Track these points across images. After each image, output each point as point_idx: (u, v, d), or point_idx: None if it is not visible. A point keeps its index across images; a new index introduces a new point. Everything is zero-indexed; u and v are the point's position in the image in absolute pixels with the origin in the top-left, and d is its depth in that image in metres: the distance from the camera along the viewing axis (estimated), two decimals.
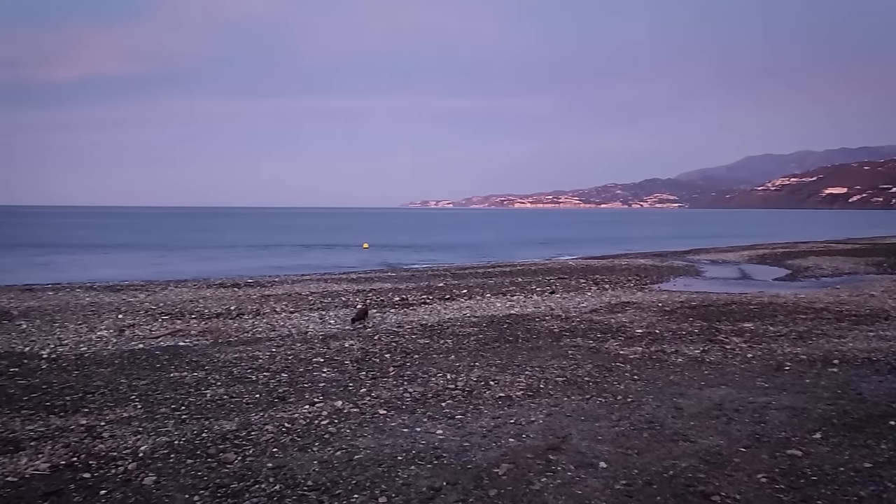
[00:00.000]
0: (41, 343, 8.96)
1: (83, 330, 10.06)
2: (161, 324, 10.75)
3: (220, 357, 7.74)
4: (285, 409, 5.63)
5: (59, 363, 7.43)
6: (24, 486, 4.02)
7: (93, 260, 31.95)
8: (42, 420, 5.25)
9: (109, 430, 5.05)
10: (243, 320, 11.18)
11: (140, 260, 31.90)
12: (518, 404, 5.78)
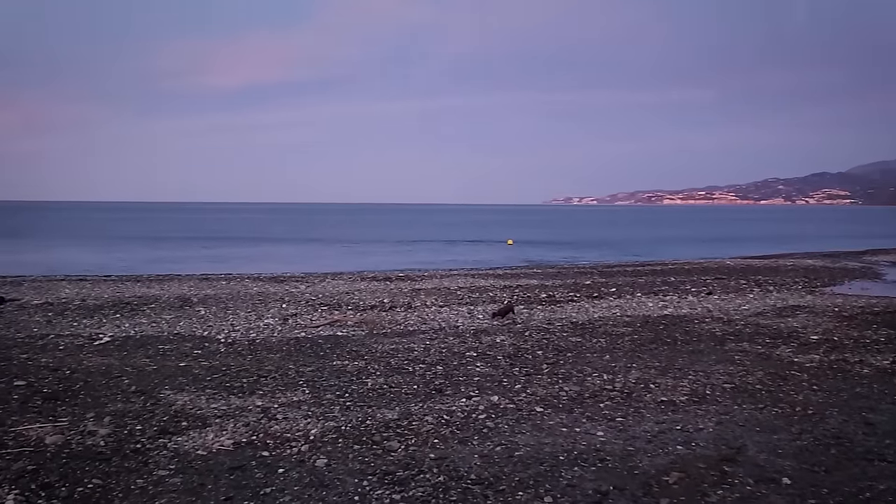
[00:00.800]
0: (217, 328, 9.73)
1: (252, 318, 10.81)
2: (320, 314, 11.32)
3: (377, 348, 8.01)
4: (443, 402, 5.70)
5: (234, 347, 8.01)
6: (213, 460, 4.34)
7: (256, 252, 34.43)
8: (224, 399, 5.67)
9: (282, 412, 5.36)
10: (396, 313, 11.52)
11: (298, 253, 33.93)
12: (683, 410, 5.49)
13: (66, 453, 4.36)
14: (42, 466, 4.12)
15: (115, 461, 4.27)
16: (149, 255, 32.20)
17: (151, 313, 11.29)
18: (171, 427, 4.92)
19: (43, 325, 10.39)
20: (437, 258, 29.38)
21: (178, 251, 35.40)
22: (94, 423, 4.92)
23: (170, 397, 5.68)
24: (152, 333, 9.16)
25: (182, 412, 5.28)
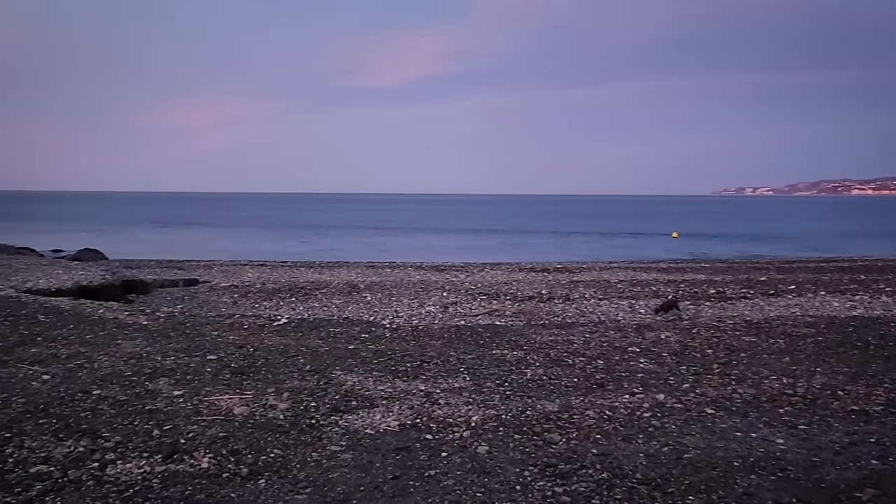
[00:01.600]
0: (382, 314, 10.17)
1: (415, 305, 11.18)
2: (479, 303, 11.47)
3: (536, 338, 7.96)
4: (605, 397, 5.56)
5: (398, 333, 8.31)
6: (380, 440, 4.53)
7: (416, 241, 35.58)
8: (390, 382, 5.90)
9: (444, 397, 5.47)
10: (554, 304, 11.41)
11: (456, 243, 34.65)
12: (877, 421, 4.94)
13: (251, 424, 4.73)
14: (231, 434, 4.50)
15: (293, 434, 4.57)
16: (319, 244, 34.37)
17: (323, 298, 12.03)
18: (342, 406, 5.20)
19: (230, 305, 11.43)
20: (595, 250, 28.75)
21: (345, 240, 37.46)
22: (274, 398, 5.31)
23: (340, 377, 6.00)
24: (324, 317, 9.75)
25: (352, 392, 5.55)
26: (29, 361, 6.27)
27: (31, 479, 3.73)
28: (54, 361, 6.30)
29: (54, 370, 5.98)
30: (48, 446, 4.20)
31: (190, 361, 6.39)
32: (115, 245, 27.72)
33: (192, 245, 32.59)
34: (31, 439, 4.30)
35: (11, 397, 5.15)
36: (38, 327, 7.78)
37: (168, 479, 3.81)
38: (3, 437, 4.31)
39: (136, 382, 5.65)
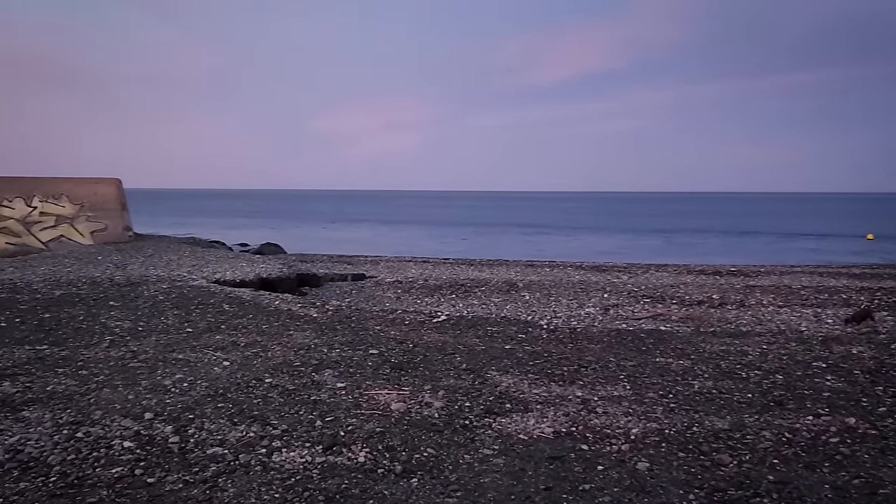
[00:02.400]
0: (540, 314, 10.02)
1: (573, 305, 10.91)
2: (642, 306, 10.96)
3: (705, 347, 7.44)
4: (783, 416, 5.04)
5: (555, 334, 8.12)
6: (533, 446, 4.41)
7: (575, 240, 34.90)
8: (545, 386, 5.76)
9: (602, 406, 5.24)
10: (726, 310, 10.64)
11: (616, 242, 33.56)
12: None
13: (406, 420, 4.80)
14: (388, 430, 4.59)
15: (447, 434, 4.58)
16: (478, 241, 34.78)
17: (482, 295, 12.10)
18: (496, 408, 5.14)
19: (393, 300, 11.81)
20: (774, 251, 26.57)
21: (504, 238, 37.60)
22: (430, 396, 5.37)
23: (495, 378, 5.94)
24: (482, 315, 9.78)
25: (506, 394, 5.48)
26: (213, 348, 6.84)
27: (208, 460, 4.02)
28: (234, 349, 6.81)
29: (233, 357, 6.47)
30: (224, 430, 4.52)
31: (353, 355, 6.64)
32: (292, 240, 29.81)
33: (359, 241, 34.29)
34: (210, 422, 4.65)
35: (196, 381, 5.62)
36: (223, 316, 8.49)
37: (326, 470, 3.94)
38: (187, 419, 4.70)
39: (304, 373, 5.96)
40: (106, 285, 10.61)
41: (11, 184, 16.11)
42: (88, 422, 4.58)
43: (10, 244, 15.60)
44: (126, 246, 16.11)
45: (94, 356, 6.40)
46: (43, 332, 7.41)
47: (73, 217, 16.43)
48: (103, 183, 17.13)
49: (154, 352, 6.61)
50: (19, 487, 3.59)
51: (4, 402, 4.98)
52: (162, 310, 8.73)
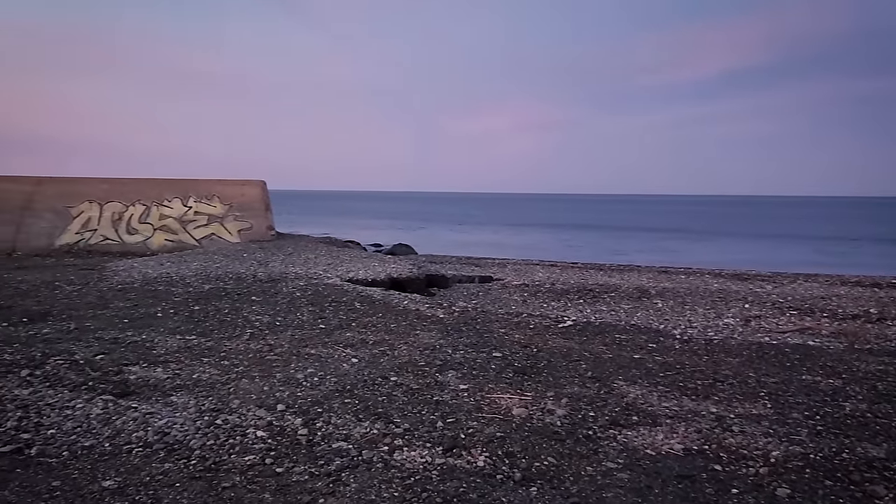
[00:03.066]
0: (673, 323, 9.56)
1: (711, 315, 10.32)
2: (788, 319, 10.19)
3: (859, 366, 6.79)
4: None
5: (689, 345, 7.72)
6: (661, 463, 4.19)
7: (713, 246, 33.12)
8: (676, 399, 5.47)
9: (739, 424, 4.90)
10: (886, 326, 9.67)
11: (761, 249, 31.50)
12: None
13: (527, 427, 4.72)
14: (508, 435, 4.54)
15: (569, 443, 4.45)
16: (609, 245, 33.88)
17: (611, 301, 11.74)
18: (622, 419, 4.94)
19: (519, 303, 11.72)
20: None
21: (633, 241, 36.38)
22: (552, 403, 5.25)
23: (622, 388, 5.72)
24: (610, 321, 9.48)
25: (633, 406, 5.26)
26: (343, 344, 7.09)
27: (333, 454, 4.14)
28: (363, 346, 7.02)
29: (362, 354, 6.66)
30: (349, 425, 4.64)
31: (477, 357, 6.64)
32: (422, 241, 30.44)
33: (487, 243, 34.45)
34: (336, 416, 4.80)
35: (326, 376, 5.84)
36: (354, 314, 8.78)
37: (446, 472, 3.95)
38: (316, 412, 4.88)
39: (428, 373, 6.02)
40: (249, 281, 11.30)
41: (171, 185, 17.58)
42: (227, 410, 4.87)
43: (169, 240, 17.03)
44: (268, 244, 17.10)
45: (236, 348, 6.82)
46: (192, 323, 8.00)
47: (223, 216, 17.66)
48: (250, 185, 18.29)
49: (289, 346, 6.94)
50: (164, 468, 3.87)
51: (156, 387, 5.41)
52: (298, 306, 9.16)
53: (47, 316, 8.19)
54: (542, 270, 17.11)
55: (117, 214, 17.02)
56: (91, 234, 16.71)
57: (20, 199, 16.55)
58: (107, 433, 4.35)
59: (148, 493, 3.54)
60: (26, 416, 4.59)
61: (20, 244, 16.13)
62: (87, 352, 6.42)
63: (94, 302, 9.26)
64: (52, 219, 16.60)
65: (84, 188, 17.09)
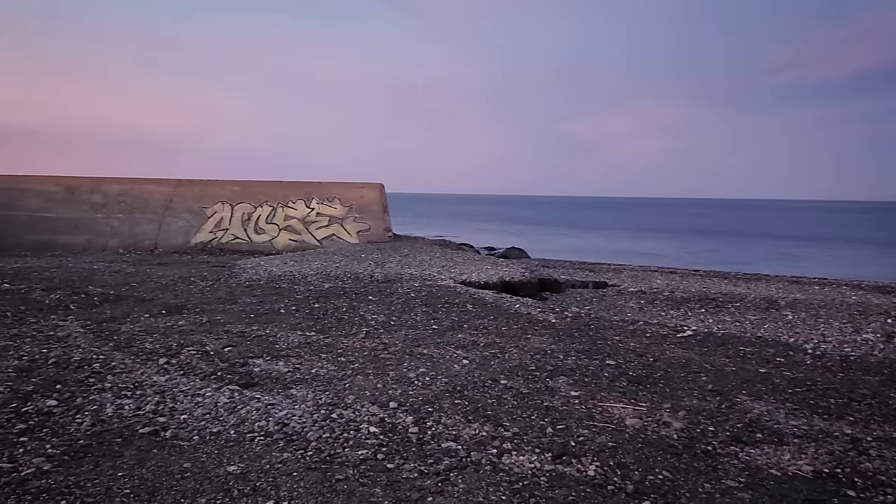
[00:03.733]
0: (805, 336, 8.95)
1: (848, 330, 9.57)
2: None
3: None
4: None
5: (822, 361, 7.20)
6: (786, 484, 3.93)
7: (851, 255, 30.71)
8: (805, 418, 5.11)
9: (877, 448, 4.51)
10: None
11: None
12: None
13: (641, 438, 4.57)
14: (620, 446, 4.41)
15: (685, 458, 4.26)
16: (733, 253, 32.22)
17: (735, 311, 11.15)
18: (745, 436, 4.67)
19: (635, 311, 11.38)
20: None
21: (757, 249, 34.37)
22: (668, 415, 5.05)
23: (745, 404, 5.42)
24: (734, 333, 9.01)
25: (757, 423, 4.96)
26: (455, 345, 7.15)
27: (442, 454, 4.18)
28: (474, 348, 7.05)
29: (473, 356, 6.69)
30: (459, 426, 4.68)
31: (589, 364, 6.50)
32: (535, 245, 30.22)
33: (601, 248, 33.69)
34: (446, 417, 4.85)
35: (437, 376, 5.91)
36: (466, 315, 8.84)
37: (554, 479, 3.89)
38: (427, 412, 4.95)
39: (538, 378, 5.96)
40: (366, 281, 11.65)
41: (295, 188, 18.44)
42: (342, 405, 5.03)
43: (293, 240, 17.87)
44: (385, 245, 17.56)
45: (352, 345, 7.04)
46: (312, 319, 8.34)
47: (343, 218, 18.32)
48: (368, 187, 18.86)
49: (402, 345, 7.09)
50: (283, 457, 4.06)
51: (278, 380, 5.68)
52: (412, 306, 9.34)
53: (183, 309, 8.80)
54: (661, 277, 16.53)
55: (246, 215, 18.06)
56: (223, 233, 17.82)
57: (162, 199, 17.91)
58: (232, 421, 4.61)
59: (268, 480, 3.72)
60: (163, 401, 4.95)
61: (161, 241, 17.46)
62: (216, 344, 6.85)
63: (224, 297, 9.86)
64: (188, 218, 17.85)
65: (217, 190, 18.25)
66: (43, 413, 4.60)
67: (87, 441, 4.17)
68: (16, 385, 5.14)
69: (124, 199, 17.79)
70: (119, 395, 5.03)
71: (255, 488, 3.62)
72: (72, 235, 17.25)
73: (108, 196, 17.74)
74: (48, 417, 4.53)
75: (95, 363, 5.88)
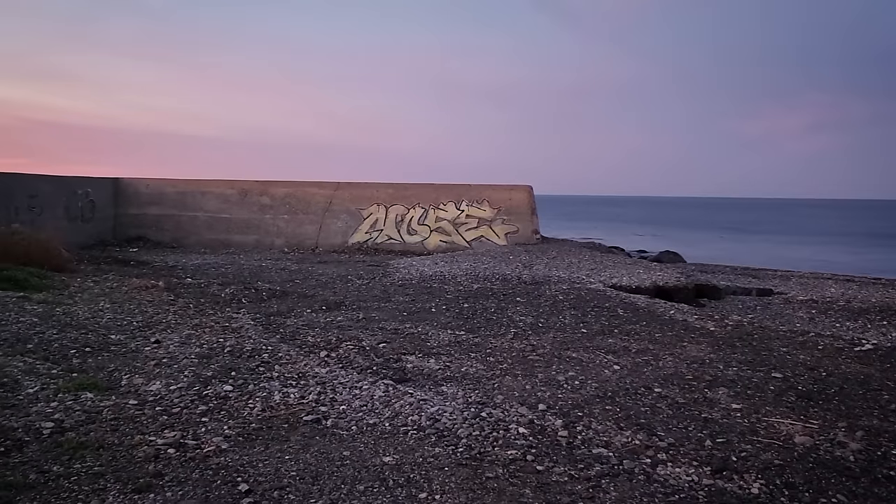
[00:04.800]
0: None
1: None
2: None
3: None
4: None
5: None
6: None
7: None
8: None
9: None
10: None
11: None
12: None
13: (812, 458, 4.22)
14: (788, 464, 4.10)
15: (864, 482, 3.89)
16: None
17: None
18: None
19: (805, 321, 10.53)
20: None
21: None
22: (844, 435, 4.62)
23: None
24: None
25: None
26: (605, 350, 6.99)
27: (593, 459, 4.10)
28: (625, 354, 6.86)
29: (624, 362, 6.51)
30: (610, 432, 4.56)
31: (752, 376, 6.10)
32: (688, 248, 28.79)
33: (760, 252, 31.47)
34: (597, 422, 4.75)
35: (587, 380, 5.81)
36: (616, 320, 8.61)
37: (714, 494, 3.68)
38: (576, 416, 4.88)
39: (696, 388, 5.68)
40: (514, 282, 11.68)
41: (446, 190, 18.87)
42: (491, 404, 5.08)
43: (443, 241, 18.30)
44: (533, 247, 17.51)
45: (500, 345, 7.09)
46: (462, 319, 8.49)
47: (492, 220, 18.49)
48: (517, 190, 18.90)
49: (551, 348, 7.03)
50: (435, 451, 4.16)
51: (429, 377, 5.84)
52: (560, 309, 9.25)
53: (341, 306, 9.29)
54: (835, 285, 15.16)
55: (400, 216, 18.72)
56: (378, 233, 18.60)
57: (323, 202, 19.00)
58: (387, 414, 4.80)
59: (420, 473, 3.83)
60: (324, 391, 5.25)
61: (321, 241, 18.53)
62: (372, 340, 7.16)
63: (379, 295, 10.29)
64: (346, 219, 18.81)
65: (373, 192, 19.07)
66: (220, 397, 5.03)
67: (259, 425, 4.52)
68: (198, 370, 5.67)
69: (289, 201, 19.06)
70: (285, 384, 5.39)
71: (408, 480, 3.74)
72: (243, 234, 18.75)
73: (274, 198, 19.09)
74: (225, 401, 4.95)
75: (264, 353, 6.35)
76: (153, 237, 18.34)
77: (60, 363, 5.62)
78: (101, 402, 4.73)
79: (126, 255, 15.18)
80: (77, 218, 16.62)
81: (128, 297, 8.95)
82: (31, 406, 4.53)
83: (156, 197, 18.88)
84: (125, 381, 5.27)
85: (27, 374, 5.19)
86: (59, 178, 16.51)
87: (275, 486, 3.61)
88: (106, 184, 18.41)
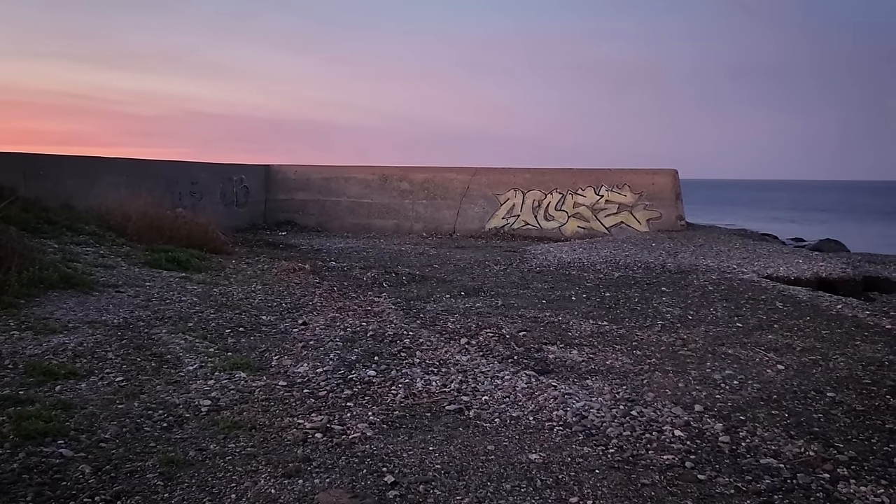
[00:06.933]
0: None
1: None
2: None
3: None
4: None
5: None
6: None
7: None
8: None
9: None
10: None
11: None
12: None
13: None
14: None
15: None
16: None
17: None
18: None
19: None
20: None
21: None
22: None
23: None
24: None
25: None
26: (765, 347, 6.43)
27: (761, 471, 3.72)
28: (789, 352, 6.27)
29: (788, 361, 5.94)
30: (778, 440, 4.14)
31: None
32: (850, 237, 26.26)
33: None
34: (762, 428, 4.33)
35: (747, 380, 5.34)
36: (776, 314, 7.93)
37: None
38: (738, 419, 4.48)
39: (876, 394, 5.08)
40: (658, 271, 11.11)
41: (584, 175, 18.32)
42: (641, 402, 4.78)
43: (581, 227, 17.80)
44: (677, 234, 16.62)
45: (647, 338, 6.71)
46: (604, 308, 8.15)
47: (633, 205, 17.74)
48: (660, 174, 18.00)
49: (703, 342, 6.57)
50: (583, 451, 3.95)
51: (573, 369, 5.61)
52: (710, 301, 8.66)
53: (479, 291, 9.21)
54: None
55: (537, 202, 18.41)
56: (514, 219, 18.40)
57: (460, 187, 19.06)
58: (530, 407, 4.64)
59: (570, 474, 3.64)
60: (465, 380, 5.17)
61: (458, 226, 18.61)
62: (511, 328, 7.01)
63: (517, 281, 10.12)
64: (483, 205, 18.75)
65: (510, 177, 18.87)
66: (364, 382, 5.08)
67: (402, 412, 4.50)
68: (342, 353, 5.78)
69: (427, 187, 19.28)
70: (427, 371, 5.37)
71: (557, 481, 3.56)
72: (383, 219, 19.22)
73: (413, 184, 19.38)
74: (368, 386, 4.99)
75: (406, 338, 6.38)
76: (300, 221, 19.22)
77: (217, 342, 5.92)
78: (253, 381, 4.92)
79: (275, 238, 15.99)
80: (232, 203, 17.77)
81: (277, 279, 9.37)
82: (191, 383, 4.78)
83: (302, 183, 19.76)
84: (275, 362, 5.46)
85: (188, 351, 5.50)
86: (217, 166, 17.71)
87: (420, 479, 3.55)
88: (258, 171, 19.51)
